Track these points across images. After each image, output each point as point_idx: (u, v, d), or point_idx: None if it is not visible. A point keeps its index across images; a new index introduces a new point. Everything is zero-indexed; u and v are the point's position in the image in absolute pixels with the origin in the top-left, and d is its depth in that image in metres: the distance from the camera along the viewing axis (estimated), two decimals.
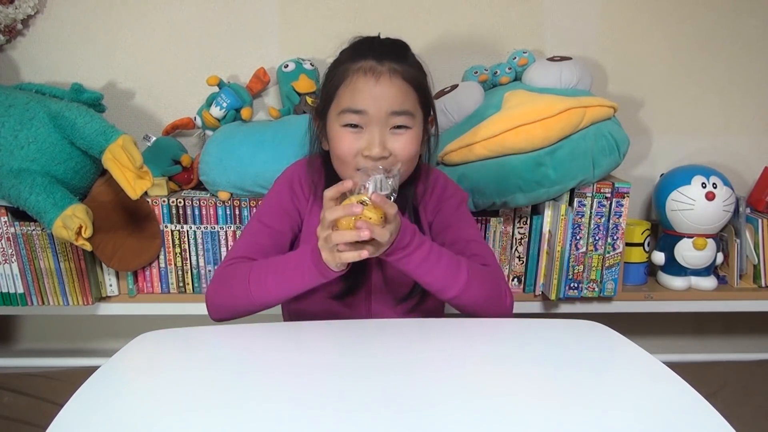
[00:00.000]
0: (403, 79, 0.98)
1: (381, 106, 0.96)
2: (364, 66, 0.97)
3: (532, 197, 1.42)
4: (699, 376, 1.35)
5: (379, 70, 0.97)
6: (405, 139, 0.98)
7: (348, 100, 0.97)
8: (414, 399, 0.72)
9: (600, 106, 1.41)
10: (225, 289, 1.01)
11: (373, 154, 0.96)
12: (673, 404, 0.71)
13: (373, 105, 0.96)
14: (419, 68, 1.03)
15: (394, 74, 0.97)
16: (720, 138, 1.74)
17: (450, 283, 0.96)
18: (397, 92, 0.97)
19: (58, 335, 1.83)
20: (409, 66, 1.00)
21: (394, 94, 0.97)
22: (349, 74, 0.98)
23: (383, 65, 0.97)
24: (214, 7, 1.59)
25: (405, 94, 0.98)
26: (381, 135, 0.97)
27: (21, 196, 1.31)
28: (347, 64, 0.99)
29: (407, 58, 1.01)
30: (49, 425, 0.65)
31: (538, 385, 0.77)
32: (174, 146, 1.55)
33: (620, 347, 0.88)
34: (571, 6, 1.63)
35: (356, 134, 0.98)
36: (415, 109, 1.00)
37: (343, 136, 0.98)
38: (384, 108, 0.96)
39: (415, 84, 0.99)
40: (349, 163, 0.99)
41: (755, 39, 1.68)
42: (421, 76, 1.02)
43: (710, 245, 1.57)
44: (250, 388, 0.74)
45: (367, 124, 0.97)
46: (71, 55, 1.59)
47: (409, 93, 0.99)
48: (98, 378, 0.76)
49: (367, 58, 0.98)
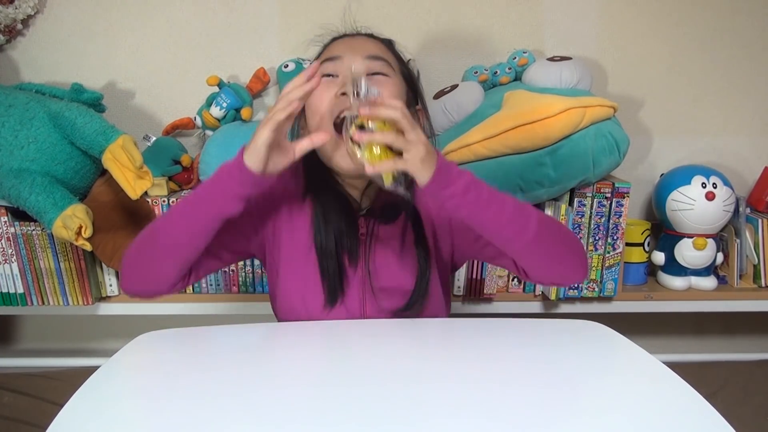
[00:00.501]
0: (381, 43, 0.97)
1: (356, 51, 0.93)
2: (340, 36, 0.98)
3: (532, 197, 1.42)
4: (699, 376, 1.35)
5: (354, 35, 0.98)
6: (383, 84, 0.90)
7: (325, 56, 0.95)
8: (412, 399, 0.72)
9: (600, 106, 1.41)
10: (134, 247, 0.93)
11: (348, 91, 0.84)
12: (673, 404, 0.71)
13: (348, 50, 0.93)
14: (402, 59, 1.00)
15: (371, 38, 0.97)
16: (720, 138, 1.74)
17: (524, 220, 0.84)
18: (373, 45, 0.95)
19: (58, 335, 1.83)
20: (384, 44, 0.98)
21: (370, 46, 0.95)
22: (328, 45, 0.98)
23: (359, 35, 0.98)
24: (214, 7, 1.59)
25: (381, 50, 0.95)
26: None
27: (21, 196, 1.31)
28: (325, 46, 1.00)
29: (383, 39, 0.99)
30: (49, 425, 0.65)
31: (538, 385, 0.77)
32: (174, 146, 1.55)
33: (620, 347, 0.88)
34: (571, 6, 1.63)
35: (332, 81, 0.91)
36: (393, 64, 0.95)
37: (320, 87, 0.87)
38: (359, 53, 0.92)
39: (394, 53, 0.97)
40: (325, 112, 0.89)
41: (755, 39, 1.68)
42: (399, 55, 0.99)
43: (710, 245, 1.57)
44: (250, 389, 0.74)
45: (343, 70, 0.91)
46: (71, 55, 1.60)
47: (387, 53, 0.96)
48: (98, 378, 0.76)
49: (344, 35, 0.99)
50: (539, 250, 0.88)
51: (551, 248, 0.89)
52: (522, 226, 0.85)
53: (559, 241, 0.90)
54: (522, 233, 0.85)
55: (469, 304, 1.54)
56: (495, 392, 0.74)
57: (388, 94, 0.88)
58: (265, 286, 1.54)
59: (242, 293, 1.55)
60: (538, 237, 0.85)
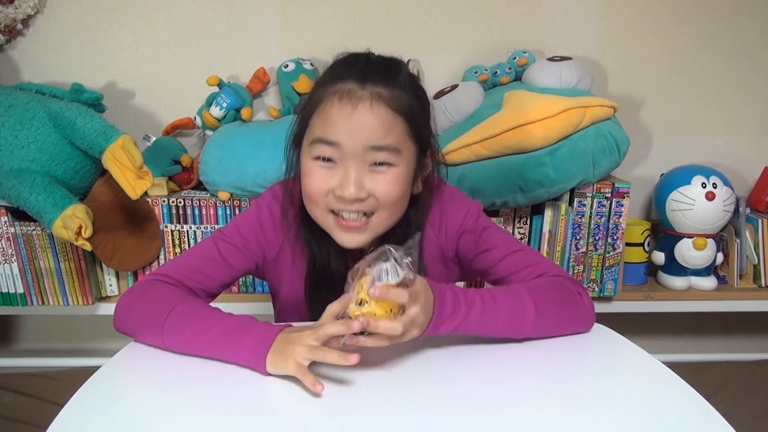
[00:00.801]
0: (388, 106, 0.81)
1: (357, 138, 0.80)
2: (341, 89, 0.81)
3: (532, 197, 1.42)
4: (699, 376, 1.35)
5: (358, 95, 0.80)
6: (387, 179, 0.82)
7: (320, 130, 0.82)
8: (412, 400, 0.72)
9: (600, 106, 1.41)
10: (139, 308, 0.85)
11: (346, 195, 0.81)
12: (672, 405, 0.71)
13: (348, 137, 0.80)
14: (414, 93, 0.86)
15: (377, 101, 0.81)
16: (720, 138, 1.74)
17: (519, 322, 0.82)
18: (378, 123, 0.81)
19: (58, 335, 1.83)
20: (399, 90, 0.83)
21: (374, 126, 0.80)
22: (325, 98, 0.82)
23: (365, 89, 0.81)
24: (214, 7, 1.59)
25: (389, 126, 0.81)
26: (357, 172, 0.81)
27: (21, 196, 1.31)
28: (324, 87, 0.84)
29: (397, 80, 0.83)
30: (49, 425, 0.65)
31: (538, 386, 0.77)
32: (174, 146, 1.55)
33: (620, 348, 0.88)
34: (571, 6, 1.63)
35: (328, 170, 0.83)
36: (401, 143, 0.83)
37: (313, 170, 0.83)
38: (361, 141, 0.80)
39: (404, 112, 0.82)
40: (319, 203, 0.84)
41: (755, 39, 1.68)
42: (414, 104, 0.84)
43: (710, 245, 1.57)
44: (251, 389, 0.74)
45: (342, 160, 0.82)
46: (71, 55, 1.59)
47: (396, 124, 0.82)
48: (98, 378, 0.76)
49: (346, 79, 0.82)
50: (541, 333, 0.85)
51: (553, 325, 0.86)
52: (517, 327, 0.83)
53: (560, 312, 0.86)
54: (519, 331, 0.83)
55: None
56: (494, 393, 0.74)
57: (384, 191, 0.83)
58: (266, 287, 1.54)
59: (242, 293, 1.55)
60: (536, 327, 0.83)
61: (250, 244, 0.92)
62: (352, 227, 0.84)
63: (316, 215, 0.86)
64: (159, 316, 0.80)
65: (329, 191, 0.83)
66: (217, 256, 0.91)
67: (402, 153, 0.83)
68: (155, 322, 0.80)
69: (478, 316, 0.79)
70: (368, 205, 0.83)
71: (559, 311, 0.85)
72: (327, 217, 0.85)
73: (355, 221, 0.84)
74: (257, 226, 0.93)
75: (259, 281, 1.54)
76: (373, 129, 0.81)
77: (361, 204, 0.82)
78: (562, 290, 0.87)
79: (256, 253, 0.93)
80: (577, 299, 0.87)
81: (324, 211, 0.85)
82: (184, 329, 0.79)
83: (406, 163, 0.84)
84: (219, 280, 0.91)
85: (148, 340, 0.82)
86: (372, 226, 0.85)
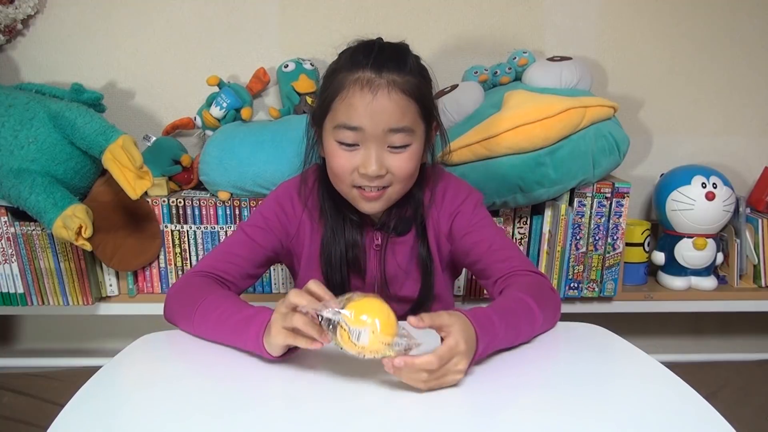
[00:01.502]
0: (403, 92, 0.92)
1: (378, 123, 0.91)
2: (361, 78, 0.92)
3: (532, 197, 1.42)
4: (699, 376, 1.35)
5: (377, 84, 0.91)
6: (404, 157, 0.95)
7: (344, 115, 0.93)
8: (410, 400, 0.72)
9: (600, 106, 1.41)
10: (179, 302, 0.95)
11: (369, 173, 0.93)
12: (672, 405, 0.71)
13: (370, 122, 0.91)
14: (421, 75, 0.97)
15: (393, 87, 0.92)
16: (720, 138, 1.74)
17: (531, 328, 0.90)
18: (395, 108, 0.92)
19: (58, 335, 1.83)
20: (410, 75, 0.94)
21: (392, 110, 0.91)
22: (346, 85, 0.93)
23: (381, 77, 0.92)
24: (214, 7, 1.59)
25: (404, 109, 0.93)
26: (378, 153, 0.93)
27: (21, 196, 1.31)
28: (344, 73, 0.94)
29: (407, 65, 0.95)
30: (49, 425, 0.65)
31: (537, 387, 0.77)
32: (174, 146, 1.55)
33: (618, 349, 0.88)
34: (571, 6, 1.63)
35: (352, 151, 0.94)
36: (415, 123, 0.95)
37: (338, 152, 0.95)
38: (381, 125, 0.91)
39: (415, 95, 0.94)
40: (345, 180, 0.96)
41: (755, 39, 1.68)
42: (423, 85, 0.97)
43: (710, 245, 1.57)
44: (251, 390, 0.74)
45: (363, 141, 0.93)
46: (71, 55, 1.59)
47: (409, 107, 0.93)
48: (99, 379, 0.76)
49: (364, 68, 0.92)
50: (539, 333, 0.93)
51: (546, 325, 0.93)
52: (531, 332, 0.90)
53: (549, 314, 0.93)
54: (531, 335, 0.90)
55: (470, 304, 1.54)
56: (493, 394, 0.74)
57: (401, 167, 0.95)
58: (265, 287, 1.55)
59: (244, 293, 1.55)
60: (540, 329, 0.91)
61: (272, 222, 1.04)
62: (371, 197, 0.97)
63: (341, 189, 0.99)
64: (191, 307, 0.90)
65: (354, 169, 0.94)
66: (246, 239, 1.03)
67: (415, 132, 0.95)
68: (189, 312, 0.91)
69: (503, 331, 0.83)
70: (386, 180, 0.95)
71: (550, 313, 0.93)
72: (351, 190, 0.97)
73: (374, 192, 0.96)
74: (277, 206, 1.05)
75: (259, 282, 1.54)
76: (391, 114, 0.92)
77: (381, 180, 0.95)
78: (547, 291, 0.95)
79: (279, 230, 1.04)
80: (556, 298, 0.96)
81: (349, 186, 0.97)
82: (210, 318, 0.89)
83: (419, 140, 0.97)
84: (253, 260, 1.03)
85: (185, 328, 0.92)
86: (387, 195, 0.97)
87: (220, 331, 0.87)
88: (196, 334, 0.90)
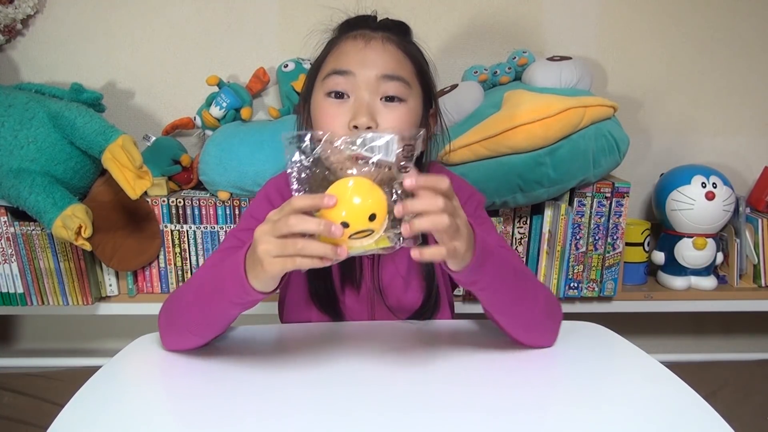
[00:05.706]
0: (398, 46, 0.86)
1: (370, 68, 0.83)
2: (354, 34, 0.87)
3: (532, 197, 1.42)
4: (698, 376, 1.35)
5: (370, 36, 0.86)
6: (397, 114, 0.84)
7: (333, 63, 0.86)
8: (411, 401, 0.72)
9: (600, 106, 1.41)
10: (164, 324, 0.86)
11: (360, 124, 0.81)
12: (672, 405, 0.71)
13: (361, 66, 0.83)
14: (419, 52, 0.91)
15: (388, 41, 0.85)
16: (720, 138, 1.74)
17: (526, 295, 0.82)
18: (390, 57, 0.85)
19: (58, 335, 1.83)
20: (408, 42, 0.89)
21: (386, 58, 0.84)
22: (338, 43, 0.87)
23: (376, 33, 0.87)
24: (214, 7, 1.59)
25: (399, 61, 0.85)
26: (370, 102, 0.83)
27: (21, 196, 1.31)
28: (337, 37, 0.89)
29: (407, 35, 0.90)
30: (49, 425, 0.65)
31: (537, 386, 0.77)
32: (174, 146, 1.55)
33: (618, 348, 0.88)
34: (571, 6, 1.63)
35: (341, 104, 0.84)
36: (411, 79, 0.86)
37: (326, 106, 0.85)
38: (374, 71, 0.83)
39: (413, 56, 0.87)
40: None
41: (755, 39, 1.68)
42: (421, 58, 0.90)
43: (710, 245, 1.57)
44: (250, 390, 0.74)
45: (354, 90, 0.84)
46: (71, 55, 1.59)
47: (405, 62, 0.86)
48: (98, 379, 0.76)
49: (358, 28, 0.88)
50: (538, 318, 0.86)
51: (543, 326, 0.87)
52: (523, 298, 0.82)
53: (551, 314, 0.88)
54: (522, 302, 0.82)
55: (470, 304, 1.54)
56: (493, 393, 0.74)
57: (395, 123, 0.83)
58: None
59: None
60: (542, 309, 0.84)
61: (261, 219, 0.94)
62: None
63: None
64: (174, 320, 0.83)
65: (343, 126, 0.83)
66: (237, 240, 0.92)
67: (412, 89, 0.86)
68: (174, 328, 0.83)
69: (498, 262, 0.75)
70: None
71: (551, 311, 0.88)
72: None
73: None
74: (267, 203, 0.95)
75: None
76: (386, 61, 0.84)
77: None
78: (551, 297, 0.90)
79: None
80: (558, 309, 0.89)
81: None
82: (190, 310, 0.81)
83: (415, 101, 0.87)
84: None
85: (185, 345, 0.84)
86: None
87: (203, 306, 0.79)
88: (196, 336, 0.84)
